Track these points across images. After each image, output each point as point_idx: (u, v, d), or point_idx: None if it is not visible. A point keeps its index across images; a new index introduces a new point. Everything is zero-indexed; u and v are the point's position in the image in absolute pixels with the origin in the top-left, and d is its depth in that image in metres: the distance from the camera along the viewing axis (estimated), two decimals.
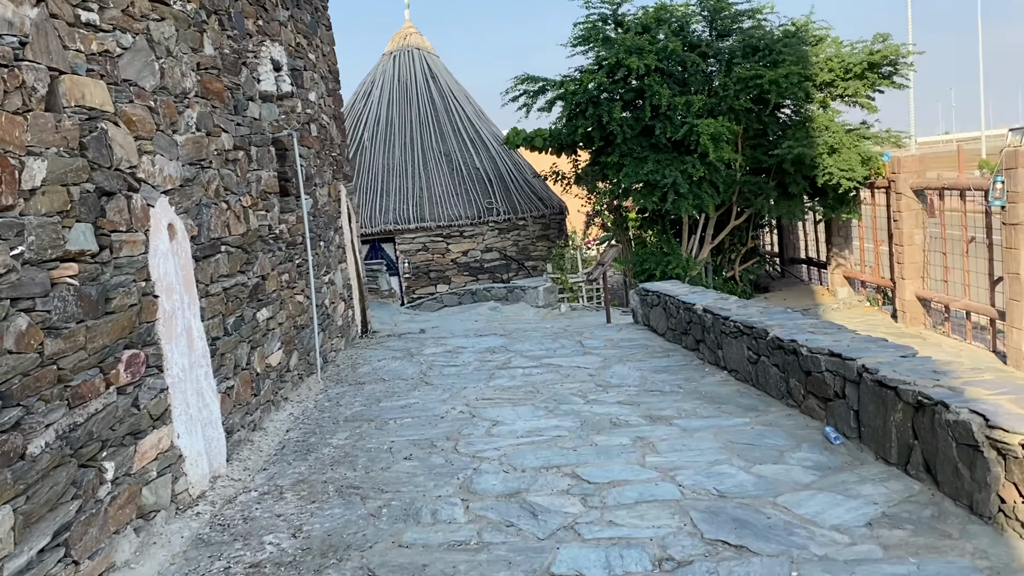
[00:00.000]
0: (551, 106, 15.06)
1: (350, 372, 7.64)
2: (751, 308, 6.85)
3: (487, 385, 6.74)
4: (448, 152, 18.80)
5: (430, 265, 17.91)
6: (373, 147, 18.88)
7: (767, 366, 5.81)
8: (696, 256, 15.92)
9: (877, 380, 4.35)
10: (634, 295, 9.36)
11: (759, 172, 15.58)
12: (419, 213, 17.85)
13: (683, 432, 5.09)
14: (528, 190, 19.30)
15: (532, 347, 8.29)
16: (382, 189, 18.23)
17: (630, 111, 14.78)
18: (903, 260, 13.88)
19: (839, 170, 13.81)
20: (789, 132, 14.74)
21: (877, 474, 4.14)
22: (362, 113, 19.64)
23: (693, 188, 14.17)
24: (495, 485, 4.36)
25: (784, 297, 17.43)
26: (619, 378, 6.70)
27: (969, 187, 12.05)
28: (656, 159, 14.28)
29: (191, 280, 4.68)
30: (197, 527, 4.04)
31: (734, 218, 16.01)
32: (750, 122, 14.74)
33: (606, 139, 14.92)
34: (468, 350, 8.38)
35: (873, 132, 14.86)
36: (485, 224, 18.22)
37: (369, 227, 17.83)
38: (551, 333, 9.16)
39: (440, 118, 19.30)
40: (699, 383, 6.39)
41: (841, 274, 16.83)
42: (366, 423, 5.80)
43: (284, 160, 7.18)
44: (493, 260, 18.34)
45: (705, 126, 13.49)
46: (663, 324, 8.35)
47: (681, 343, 7.81)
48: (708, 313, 7.01)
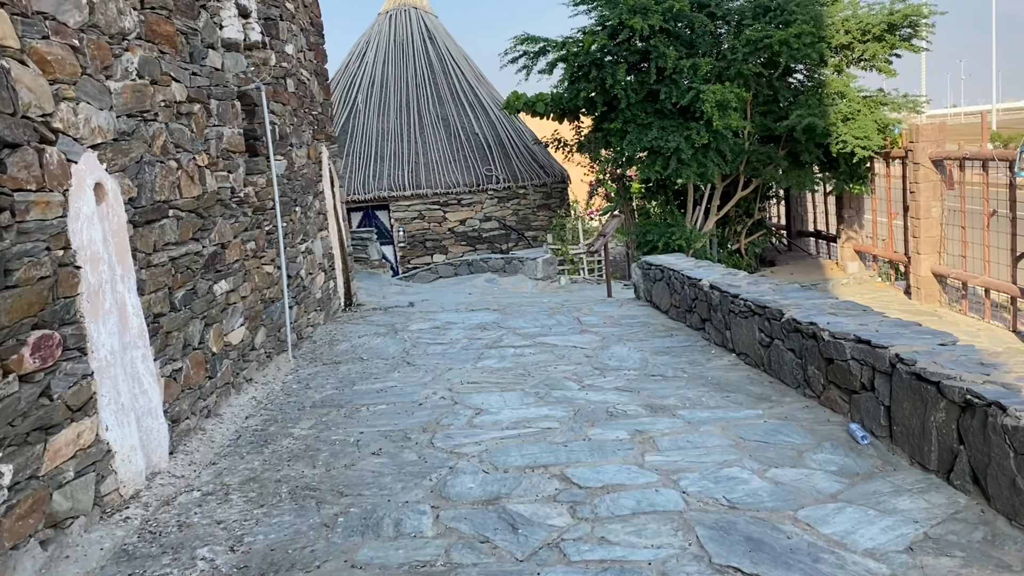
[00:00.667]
0: (552, 68, 14.32)
1: (327, 350, 7.06)
2: (763, 285, 6.24)
3: (474, 367, 6.16)
4: (446, 116, 18.07)
5: (426, 234, 17.27)
6: (367, 110, 18.15)
7: (781, 351, 5.22)
8: (701, 228, 15.29)
9: (915, 373, 3.75)
10: (636, 269, 8.75)
11: (768, 140, 14.89)
12: (415, 180, 17.18)
13: (687, 425, 4.51)
14: (529, 157, 18.60)
15: (526, 324, 7.70)
16: (376, 154, 17.53)
17: (635, 74, 14.05)
18: (919, 234, 13.24)
19: (854, 138, 13.12)
20: (801, 99, 14.01)
21: (914, 483, 3.56)
22: (356, 74, 18.88)
23: (697, 156, 13.49)
24: (472, 489, 3.79)
25: (791, 271, 16.82)
26: (618, 360, 6.11)
27: (993, 158, 11.37)
28: (661, 126, 13.58)
29: (125, 249, 4.07)
30: (122, 536, 3.48)
31: (741, 189, 15.34)
32: (760, 88, 14.01)
33: (609, 104, 14.21)
34: (457, 326, 7.79)
35: (890, 98, 14.13)
36: (484, 192, 17.55)
37: (363, 193, 17.17)
38: (547, 308, 8.56)
39: (438, 81, 18.54)
40: (705, 367, 5.81)
41: (852, 248, 16.20)
42: (335, 410, 5.22)
43: (253, 117, 6.55)
44: (492, 230, 17.70)
45: (711, 92, 12.77)
46: (666, 300, 7.75)
47: (685, 321, 7.22)
48: (715, 290, 6.41)
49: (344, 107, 18.47)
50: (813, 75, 14.45)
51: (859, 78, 14.34)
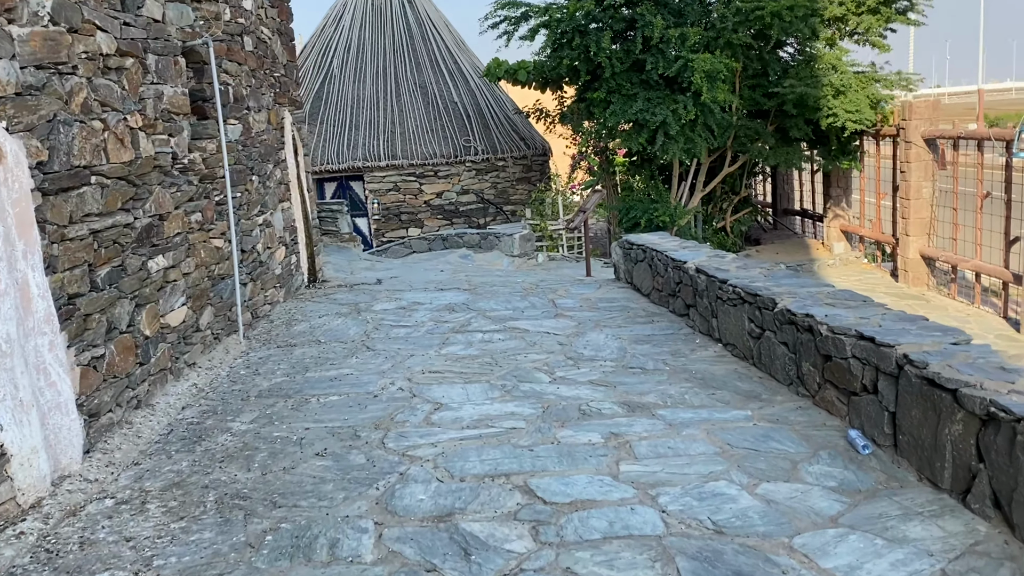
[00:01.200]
0: (534, 35, 13.71)
1: (283, 330, 6.56)
2: (753, 270, 5.78)
3: (438, 353, 5.68)
4: (424, 84, 17.42)
5: (401, 207, 16.69)
6: (343, 76, 17.46)
7: (773, 343, 4.77)
8: (685, 204, 14.82)
9: (927, 378, 3.32)
10: (616, 248, 8.28)
11: (757, 115, 14.41)
12: (391, 149, 16.56)
13: (668, 428, 4.06)
14: (509, 128, 18.02)
15: (497, 306, 7.22)
16: (351, 122, 16.88)
17: (620, 43, 13.48)
18: (909, 215, 12.85)
19: (845, 112, 12.65)
20: (792, 72, 13.51)
21: (925, 504, 3.14)
22: (332, 39, 18.16)
23: (684, 130, 12.99)
24: (422, 501, 3.33)
25: (776, 250, 16.45)
26: (594, 349, 5.65)
27: (989, 137, 10.96)
28: (646, 97, 13.05)
29: (30, 220, 3.54)
30: (11, 556, 2.99)
31: (728, 165, 14.87)
32: (749, 60, 13.50)
33: (593, 73, 13.65)
34: (425, 307, 7.30)
35: (883, 75, 13.66)
36: (462, 164, 16.97)
37: (336, 163, 16.55)
38: (521, 289, 8.08)
39: (416, 47, 17.87)
40: (688, 358, 5.36)
41: (838, 228, 15.81)
42: (282, 400, 4.74)
43: (202, 76, 5.98)
44: (469, 203, 17.15)
45: (700, 62, 12.25)
46: (648, 283, 7.29)
47: (668, 306, 6.77)
48: (701, 274, 5.95)
49: (319, 73, 17.78)
50: (804, 48, 13.95)
51: (851, 52, 13.86)
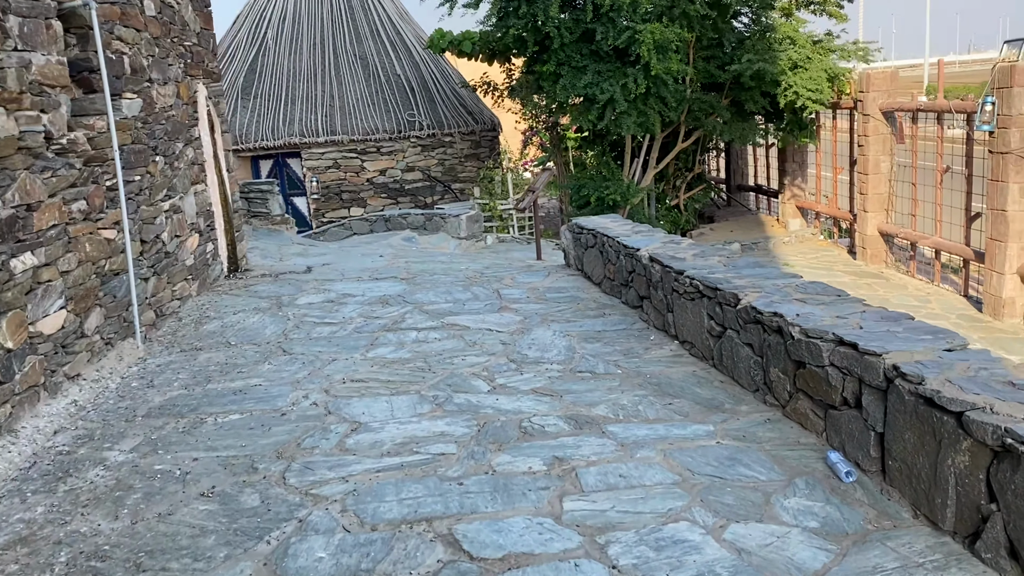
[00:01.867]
0: (478, 2, 12.97)
1: (191, 330, 5.85)
2: (711, 258, 5.24)
3: (364, 357, 5.04)
4: (364, 56, 16.55)
5: (342, 185, 15.88)
6: (278, 48, 16.51)
7: (736, 344, 4.23)
8: (638, 182, 14.30)
9: (923, 396, 2.79)
10: (566, 232, 7.69)
11: (711, 88, 13.91)
12: (330, 125, 15.71)
13: (620, 449, 3.50)
14: (456, 102, 17.27)
15: (436, 298, 6.59)
16: (288, 96, 15.98)
17: (569, 11, 12.83)
18: (866, 191, 12.50)
19: (806, 89, 12.20)
20: (748, 43, 13.01)
21: (926, 551, 2.62)
22: (265, 9, 17.15)
23: (636, 104, 12.42)
24: (321, 561, 2.72)
25: (731, 228, 16.07)
26: (540, 348, 5.07)
27: (950, 110, 10.58)
28: (596, 70, 12.45)
29: None
30: None
31: (681, 140, 14.36)
32: (704, 31, 12.96)
33: (542, 44, 12.98)
34: (355, 300, 6.64)
35: (840, 45, 13.24)
36: (406, 140, 16.19)
37: (272, 139, 15.65)
38: (464, 278, 7.46)
39: (356, 17, 16.96)
40: (642, 359, 4.80)
41: (794, 204, 15.46)
42: (174, 421, 4.07)
43: (87, 43, 5.20)
44: (415, 181, 16.40)
45: (648, 32, 11.66)
46: (599, 271, 6.72)
47: (620, 297, 6.21)
48: (656, 263, 5.38)
49: (252, 44, 16.79)
50: (760, 19, 13.44)
51: (808, 23, 13.40)
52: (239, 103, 16.13)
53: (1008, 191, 9.24)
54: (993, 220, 9.58)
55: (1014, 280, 9.44)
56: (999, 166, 9.37)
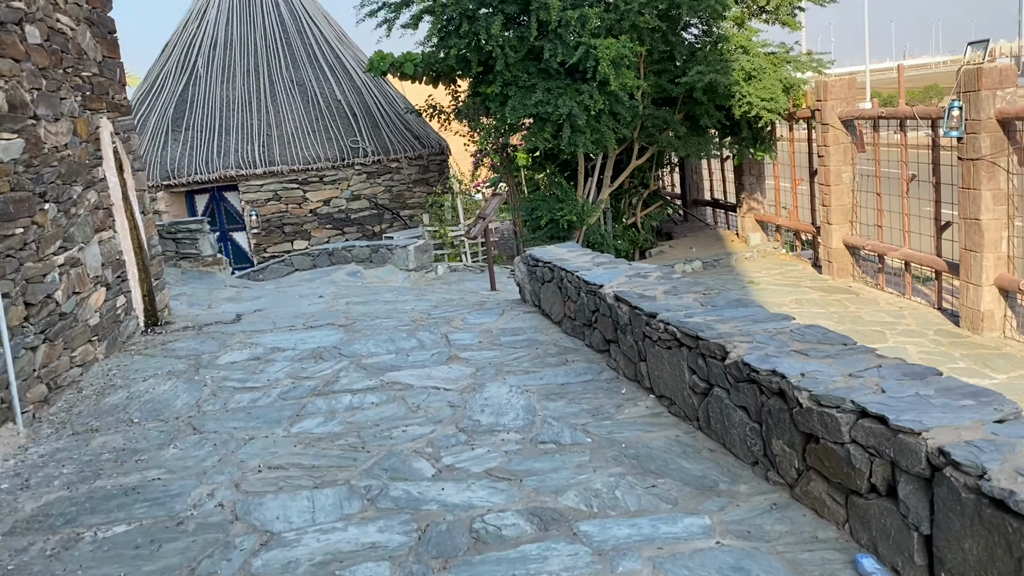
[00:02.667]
0: (417, 22, 12.29)
1: (91, 405, 5.03)
2: (686, 296, 4.59)
3: (287, 433, 4.28)
4: (302, 81, 15.76)
5: (284, 217, 15.03)
6: (209, 76, 15.64)
7: (726, 406, 3.57)
8: (593, 201, 13.72)
9: (987, 496, 2.14)
10: (520, 265, 7.01)
11: (664, 103, 13.41)
12: (268, 155, 14.88)
13: (597, 559, 2.80)
14: (402, 127, 16.56)
15: (377, 348, 5.85)
16: (221, 127, 15.11)
17: (513, 29, 12.23)
18: (829, 202, 12.05)
19: (760, 100, 11.75)
20: (700, 55, 12.54)
21: None
22: (196, 36, 16.28)
23: (591, 122, 11.85)
24: None
25: (690, 244, 15.58)
26: (494, 411, 4.35)
27: (913, 115, 10.17)
28: (546, 88, 11.86)
29: None
30: None
31: (636, 157, 13.83)
32: (655, 43, 12.45)
33: (486, 64, 12.37)
34: (285, 356, 5.87)
35: (794, 56, 12.84)
36: (350, 167, 15.41)
37: (206, 173, 14.76)
38: (410, 320, 6.73)
39: (291, 42, 16.18)
40: (615, 420, 4.12)
41: (753, 218, 15.01)
42: (43, 539, 3.27)
43: None
44: (361, 210, 15.62)
45: (605, 48, 11.12)
46: (558, 308, 6.04)
47: (584, 339, 5.53)
48: (622, 304, 4.72)
49: (182, 73, 15.89)
50: (711, 29, 12.99)
51: (761, 32, 12.98)
52: (170, 136, 15.22)
53: (981, 199, 8.81)
54: (966, 230, 9.14)
55: (992, 292, 9.00)
56: (970, 173, 8.94)
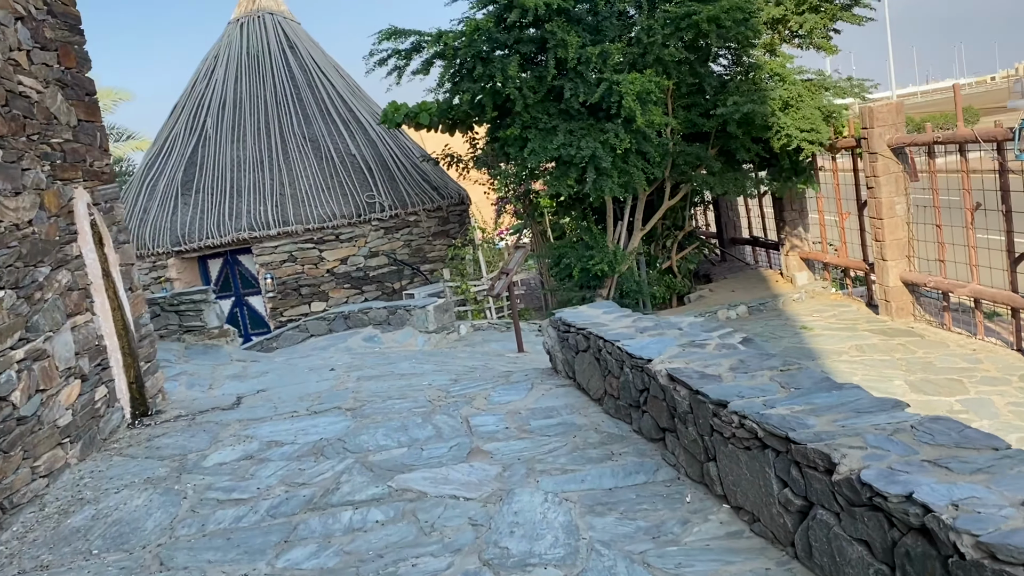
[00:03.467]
0: (428, 68, 11.65)
1: (51, 529, 4.22)
2: (760, 375, 3.70)
3: (271, 569, 3.43)
4: (314, 137, 15.21)
5: (300, 279, 14.35)
6: (219, 137, 15.15)
7: (836, 536, 2.66)
8: (625, 247, 12.88)
9: None
10: (549, 330, 6.16)
11: (696, 139, 12.61)
12: (281, 215, 14.26)
13: None
14: (419, 178, 15.93)
15: (387, 440, 5.01)
16: (233, 188, 14.55)
17: (531, 69, 11.55)
18: (883, 236, 11.10)
19: (800, 131, 10.91)
20: (731, 86, 11.75)
21: None
22: (204, 95, 15.85)
23: (617, 163, 11.07)
24: None
25: (732, 287, 14.63)
26: (527, 533, 3.48)
27: (975, 139, 9.25)
28: (568, 129, 11.12)
29: None
30: None
31: (668, 197, 13.00)
32: (682, 76, 11.70)
33: (503, 107, 11.68)
34: (283, 451, 5.05)
35: (832, 82, 12.01)
36: (367, 223, 14.76)
37: (218, 237, 14.16)
38: (427, 400, 5.89)
39: (302, 96, 15.68)
40: (683, 546, 3.22)
41: (798, 256, 14.06)
42: None
43: None
44: (380, 267, 14.92)
45: (629, 83, 10.37)
46: (597, 383, 5.17)
47: (631, 422, 4.65)
48: (680, 386, 3.84)
49: (191, 135, 15.43)
50: (742, 58, 12.22)
51: (795, 58, 12.19)
52: (180, 200, 14.69)
53: None
54: None
55: None
56: None
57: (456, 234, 16.25)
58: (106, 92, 20.38)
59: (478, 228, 18.75)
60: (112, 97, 20.45)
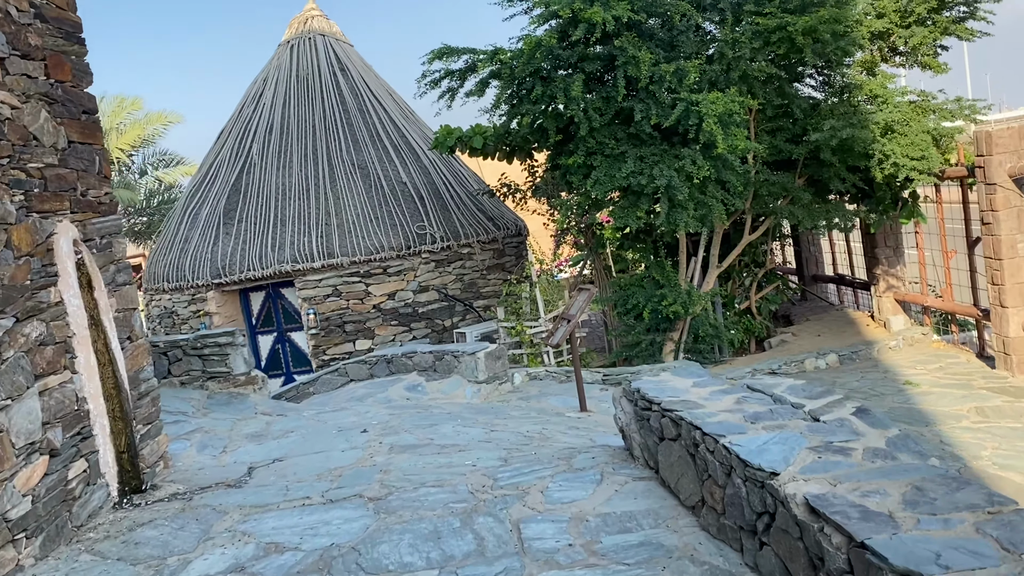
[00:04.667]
0: (483, 88, 10.60)
1: None
2: (956, 519, 2.46)
3: None
4: (364, 164, 14.32)
5: (344, 315, 13.40)
6: (264, 163, 14.37)
7: None
8: (699, 285, 11.61)
9: None
10: (623, 403, 4.95)
11: (780, 166, 11.31)
12: (326, 247, 13.36)
13: None
14: (474, 208, 14.91)
15: (413, 556, 3.87)
16: (276, 217, 13.72)
17: (597, 89, 10.43)
18: (1001, 280, 9.61)
19: (908, 158, 9.53)
20: (824, 109, 10.45)
21: None
22: (251, 120, 15.14)
23: (694, 193, 9.85)
24: None
25: (817, 330, 13.19)
26: None
27: None
28: (639, 155, 9.96)
29: None
30: None
31: (748, 232, 11.70)
32: (768, 97, 10.44)
33: (566, 131, 10.58)
34: (282, 560, 3.95)
35: (938, 103, 10.61)
36: (417, 256, 13.76)
37: (260, 269, 13.32)
38: (469, 490, 4.74)
39: (352, 121, 14.83)
40: None
41: (892, 297, 12.57)
42: None
43: None
44: (430, 302, 13.88)
45: (710, 104, 9.17)
46: (691, 486, 3.95)
47: (740, 551, 3.42)
48: (832, 529, 2.61)
49: (236, 161, 14.70)
50: (834, 77, 10.90)
51: (897, 77, 10.83)
52: (221, 229, 13.92)
53: None
54: None
55: None
56: None
57: (512, 268, 15.14)
58: (157, 116, 19.99)
59: (536, 260, 17.64)
60: (162, 121, 20.00)
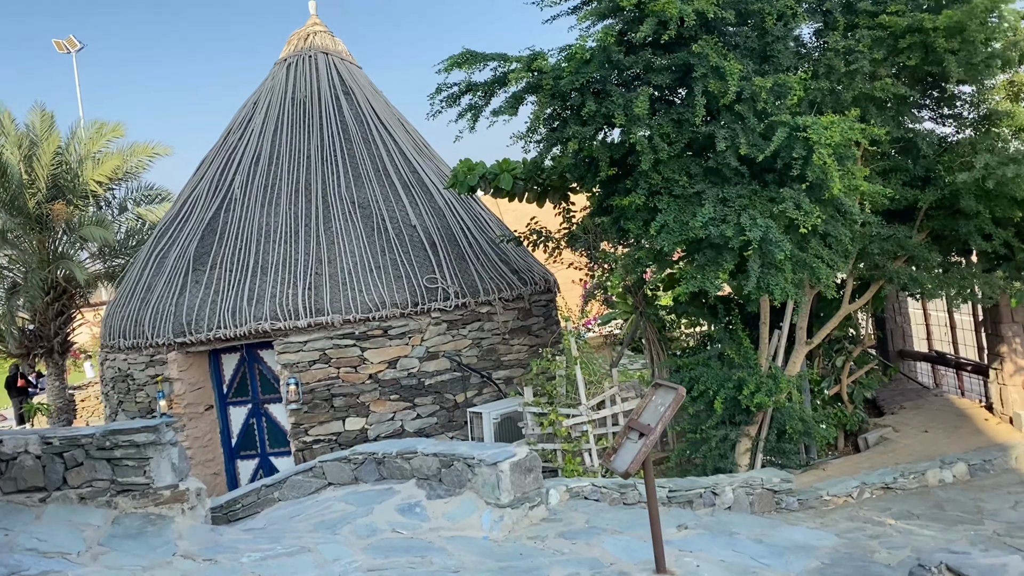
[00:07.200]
0: (516, 106, 8.13)
1: None
2: None
3: None
4: (365, 203, 11.93)
5: (333, 387, 10.88)
6: (247, 199, 12.01)
7: None
8: (783, 364, 9.02)
9: None
10: None
11: (890, 217, 8.80)
12: (315, 301, 10.91)
13: None
14: (496, 258, 12.46)
15: None
16: (256, 264, 11.31)
17: (665, 108, 8.00)
18: None
19: None
20: (964, 142, 7.98)
21: None
22: (236, 149, 12.85)
23: (794, 250, 7.33)
24: None
25: (923, 425, 10.54)
26: None
27: None
28: (720, 196, 7.47)
29: None
30: None
31: (848, 299, 9.16)
32: (886, 125, 7.98)
33: (622, 163, 8.14)
34: None
35: None
36: (426, 315, 11.28)
37: (234, 327, 10.85)
38: None
39: (354, 152, 12.50)
40: None
41: (1021, 384, 9.93)
42: None
43: None
44: (440, 372, 11.35)
45: (822, 130, 6.69)
46: None
47: None
48: None
49: (213, 198, 12.35)
50: (975, 100, 8.43)
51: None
52: (190, 277, 11.50)
53: None
54: None
55: None
56: None
57: (540, 331, 12.62)
58: (142, 148, 17.85)
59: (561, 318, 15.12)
60: (147, 153, 17.86)
